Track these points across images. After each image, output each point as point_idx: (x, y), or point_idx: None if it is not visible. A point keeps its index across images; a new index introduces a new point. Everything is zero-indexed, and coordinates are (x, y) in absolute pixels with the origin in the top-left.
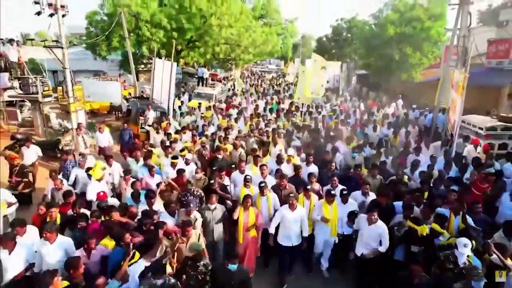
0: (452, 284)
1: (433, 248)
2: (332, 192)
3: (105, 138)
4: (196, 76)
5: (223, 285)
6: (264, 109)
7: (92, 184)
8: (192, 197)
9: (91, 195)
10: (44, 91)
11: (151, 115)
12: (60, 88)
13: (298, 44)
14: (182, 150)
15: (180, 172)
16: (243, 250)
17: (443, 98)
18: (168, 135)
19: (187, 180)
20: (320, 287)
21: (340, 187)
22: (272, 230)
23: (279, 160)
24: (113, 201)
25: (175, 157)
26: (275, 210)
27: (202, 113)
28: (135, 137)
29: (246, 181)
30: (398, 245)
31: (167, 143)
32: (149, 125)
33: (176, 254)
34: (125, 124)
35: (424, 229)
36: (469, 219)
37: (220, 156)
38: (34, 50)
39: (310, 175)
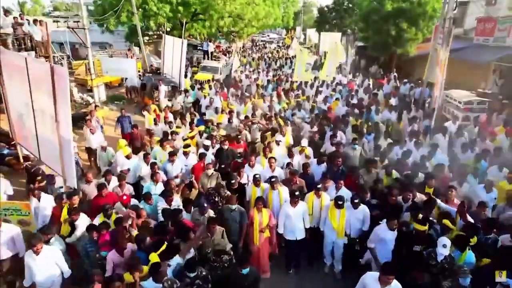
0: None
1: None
2: (339, 202)
3: (97, 140)
4: (200, 48)
5: (236, 287)
6: (266, 88)
7: (121, 159)
8: (219, 198)
9: (118, 169)
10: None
11: (163, 89)
12: (76, 62)
13: (299, 11)
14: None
15: (202, 156)
16: (257, 251)
17: (431, 73)
18: (169, 123)
19: (218, 184)
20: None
21: (345, 191)
22: (281, 230)
23: (290, 153)
24: (134, 202)
25: (187, 146)
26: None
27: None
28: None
29: (257, 180)
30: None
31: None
32: (147, 110)
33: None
34: (123, 110)
35: (427, 227)
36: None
37: (225, 147)
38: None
39: (324, 174)
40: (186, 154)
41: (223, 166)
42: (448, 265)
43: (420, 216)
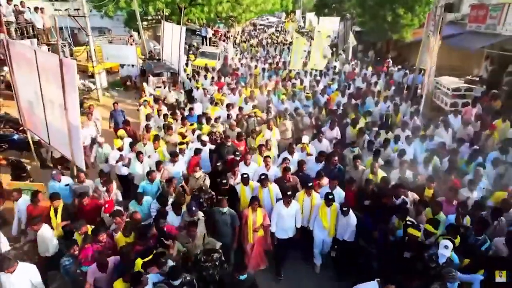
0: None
1: (424, 252)
2: (330, 196)
3: (84, 135)
4: (199, 33)
5: None
6: (262, 76)
7: (113, 152)
8: (204, 199)
9: (111, 162)
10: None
11: (151, 79)
12: (76, 48)
13: None
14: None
15: (197, 152)
16: (251, 250)
17: (424, 60)
18: (165, 116)
19: (201, 186)
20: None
21: (339, 191)
22: (273, 229)
23: (290, 150)
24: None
25: (181, 143)
26: (278, 200)
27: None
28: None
29: (245, 180)
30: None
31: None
32: (143, 104)
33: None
34: (116, 104)
35: (421, 234)
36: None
37: (229, 144)
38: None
39: (319, 172)
40: (181, 151)
41: (218, 164)
42: (444, 271)
43: (408, 218)
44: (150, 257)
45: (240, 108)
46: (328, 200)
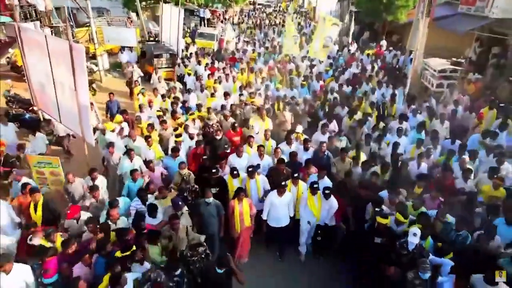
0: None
1: (393, 237)
2: (315, 185)
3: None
4: (197, 14)
5: (213, 283)
6: (256, 61)
7: (107, 134)
8: (188, 192)
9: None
10: None
11: (137, 71)
12: (77, 30)
13: None
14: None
15: (198, 143)
16: (238, 238)
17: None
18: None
19: (184, 182)
20: (299, 274)
21: (326, 181)
22: (265, 217)
23: (288, 141)
24: (84, 217)
25: (178, 135)
26: (265, 191)
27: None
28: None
29: (233, 172)
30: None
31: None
32: (141, 93)
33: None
34: (111, 95)
35: (389, 221)
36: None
37: (218, 137)
38: None
39: (307, 161)
40: (178, 145)
41: (205, 157)
42: (418, 254)
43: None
44: (129, 252)
45: (240, 96)
46: (313, 189)
